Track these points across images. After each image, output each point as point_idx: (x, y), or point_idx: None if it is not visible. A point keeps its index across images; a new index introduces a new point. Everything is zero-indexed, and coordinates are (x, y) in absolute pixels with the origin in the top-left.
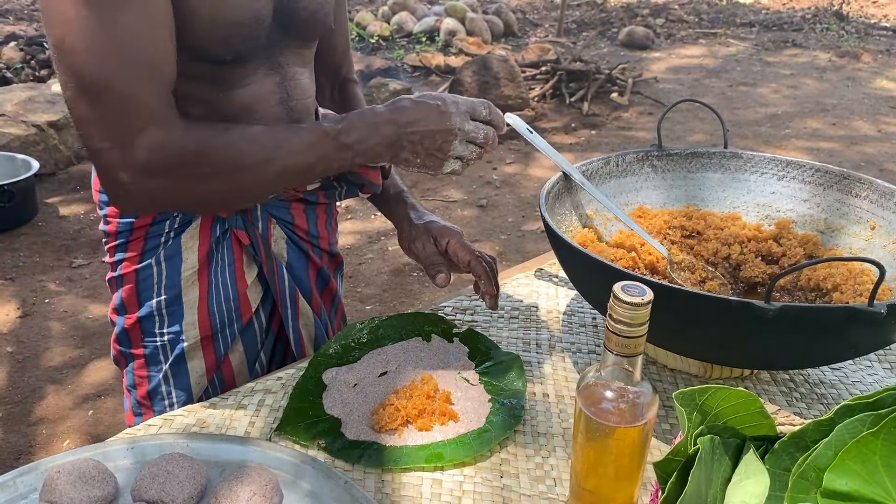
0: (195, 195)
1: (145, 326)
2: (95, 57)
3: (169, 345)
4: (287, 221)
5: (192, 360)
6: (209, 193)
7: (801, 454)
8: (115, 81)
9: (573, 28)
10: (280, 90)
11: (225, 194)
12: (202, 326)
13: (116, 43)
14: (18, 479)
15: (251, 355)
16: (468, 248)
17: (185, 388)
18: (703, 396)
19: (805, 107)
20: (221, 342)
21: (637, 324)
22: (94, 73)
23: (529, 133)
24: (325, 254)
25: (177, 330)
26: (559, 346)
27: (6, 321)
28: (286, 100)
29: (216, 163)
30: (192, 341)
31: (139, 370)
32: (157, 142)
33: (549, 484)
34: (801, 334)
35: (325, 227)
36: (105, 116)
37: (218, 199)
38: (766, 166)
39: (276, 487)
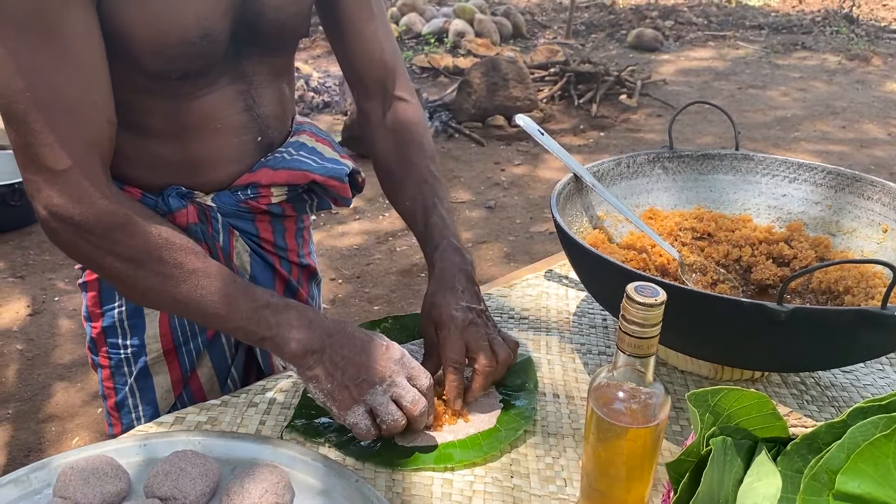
0: (90, 262)
1: (109, 337)
2: (14, 90)
3: (133, 357)
4: (251, 233)
5: (157, 374)
6: (106, 273)
7: (813, 456)
8: (31, 120)
9: (582, 30)
10: (245, 98)
11: (120, 284)
12: (164, 339)
13: (33, 82)
14: (32, 474)
15: (221, 371)
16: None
17: (151, 402)
18: (715, 397)
19: (815, 110)
20: (186, 357)
21: (650, 324)
22: (14, 107)
23: (540, 134)
24: (294, 266)
25: (138, 343)
26: (569, 347)
27: (16, 319)
28: (252, 107)
29: (126, 252)
30: (154, 354)
31: (107, 381)
32: (72, 194)
33: (560, 484)
34: (813, 336)
35: (293, 239)
36: (26, 149)
37: (114, 282)
38: (778, 168)
39: (288, 485)
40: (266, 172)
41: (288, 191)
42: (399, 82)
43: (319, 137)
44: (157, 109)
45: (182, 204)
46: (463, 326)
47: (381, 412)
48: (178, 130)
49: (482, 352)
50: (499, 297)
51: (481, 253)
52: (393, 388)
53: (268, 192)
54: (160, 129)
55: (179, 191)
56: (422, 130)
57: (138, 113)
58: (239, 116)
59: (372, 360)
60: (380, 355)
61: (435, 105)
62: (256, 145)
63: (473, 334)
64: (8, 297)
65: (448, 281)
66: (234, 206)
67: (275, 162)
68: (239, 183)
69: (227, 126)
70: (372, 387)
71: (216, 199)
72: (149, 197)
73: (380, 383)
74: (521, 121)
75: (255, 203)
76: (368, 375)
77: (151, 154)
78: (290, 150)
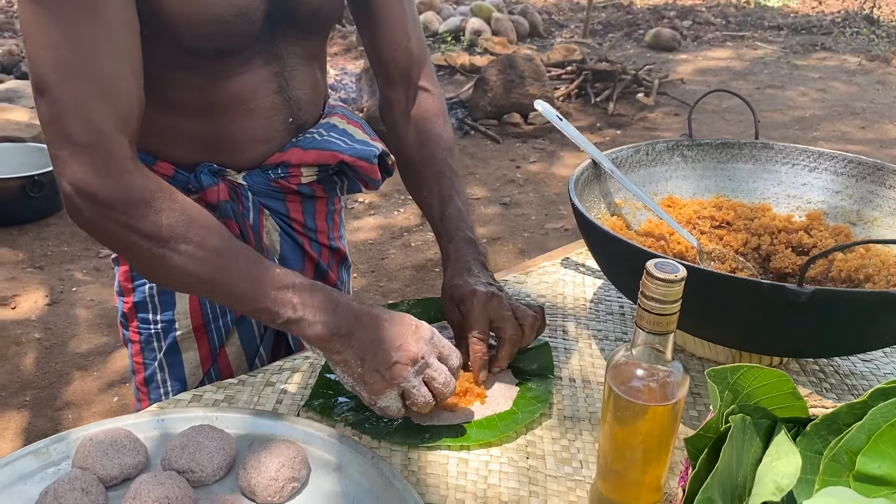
0: (114, 242)
1: (140, 312)
2: (45, 62)
3: (162, 333)
4: (281, 213)
5: (186, 350)
6: (130, 252)
7: (833, 437)
8: (60, 92)
9: (599, 29)
10: (278, 79)
11: (144, 264)
12: (194, 316)
13: (65, 55)
14: (51, 446)
15: (249, 349)
16: (483, 317)
17: (179, 378)
18: (735, 375)
19: (834, 110)
20: (215, 333)
21: (670, 301)
22: (45, 79)
23: (559, 120)
24: (324, 248)
25: (169, 318)
26: (586, 333)
27: (34, 308)
28: (285, 89)
29: (149, 229)
30: (183, 330)
31: (136, 356)
32: (98, 167)
33: (576, 466)
34: (834, 320)
35: (324, 221)
36: (54, 122)
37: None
38: (798, 157)
39: (305, 460)
40: (296, 152)
41: (318, 171)
42: (424, 72)
43: (351, 120)
44: (191, 87)
45: (213, 181)
46: (485, 299)
47: (414, 395)
48: (211, 109)
49: (507, 321)
50: (515, 283)
51: (496, 249)
52: (426, 370)
53: (298, 171)
54: (193, 107)
55: (211, 168)
56: (442, 122)
57: (173, 90)
58: (272, 98)
59: (403, 342)
60: (410, 336)
61: (451, 103)
62: (287, 126)
63: (496, 305)
64: (27, 287)
65: (464, 266)
66: (264, 185)
67: (305, 142)
68: (269, 162)
69: (259, 106)
70: (405, 370)
71: (247, 177)
72: (181, 173)
73: (412, 365)
74: (539, 106)
75: (286, 182)
76: (400, 358)
77: (185, 131)
78: (321, 130)
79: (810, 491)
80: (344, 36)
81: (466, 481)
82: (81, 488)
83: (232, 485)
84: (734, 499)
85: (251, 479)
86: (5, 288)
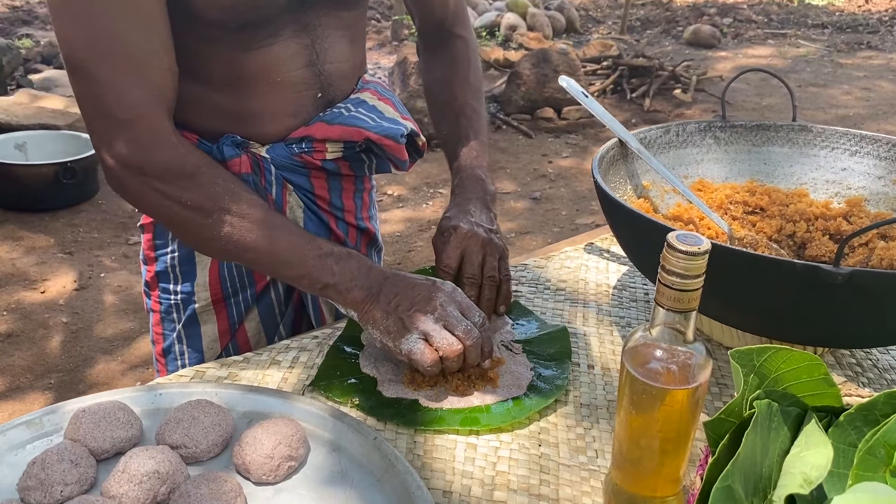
0: (158, 212)
1: (161, 282)
2: (76, 42)
3: (182, 304)
4: (305, 189)
5: (205, 323)
6: (173, 221)
7: (869, 428)
8: (94, 71)
9: (637, 26)
10: (308, 52)
11: (188, 233)
12: (213, 289)
13: (94, 33)
14: (45, 417)
15: (269, 327)
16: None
17: (197, 350)
18: (761, 357)
19: (879, 109)
20: (234, 308)
21: (692, 276)
22: (78, 59)
23: (584, 97)
24: (351, 228)
25: (188, 290)
26: (607, 319)
27: (63, 293)
28: (315, 63)
29: (194, 200)
30: (203, 303)
31: (156, 326)
32: (140, 142)
33: (591, 455)
34: (873, 305)
35: (352, 200)
36: (91, 99)
37: (180, 230)
38: (838, 141)
39: (303, 439)
40: (321, 127)
41: (344, 148)
42: (458, 20)
43: (382, 96)
44: (216, 58)
45: (236, 153)
46: (464, 237)
47: (436, 337)
48: (236, 81)
49: (469, 265)
50: (535, 268)
51: (524, 244)
52: (445, 318)
53: (322, 147)
54: (218, 78)
55: (235, 139)
56: (469, 67)
57: (197, 61)
58: (300, 71)
59: (423, 292)
60: (431, 288)
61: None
62: (316, 101)
63: (473, 246)
64: (56, 273)
65: (463, 204)
66: (287, 160)
67: (331, 117)
68: (294, 136)
69: (286, 80)
70: (423, 314)
71: (270, 150)
72: (204, 143)
73: (431, 312)
74: (564, 81)
75: (310, 158)
76: (419, 305)
77: (209, 101)
78: (349, 106)
79: (842, 486)
80: (378, 31)
81: (474, 467)
82: (70, 459)
83: (227, 462)
84: (757, 491)
85: (246, 456)
86: (35, 272)
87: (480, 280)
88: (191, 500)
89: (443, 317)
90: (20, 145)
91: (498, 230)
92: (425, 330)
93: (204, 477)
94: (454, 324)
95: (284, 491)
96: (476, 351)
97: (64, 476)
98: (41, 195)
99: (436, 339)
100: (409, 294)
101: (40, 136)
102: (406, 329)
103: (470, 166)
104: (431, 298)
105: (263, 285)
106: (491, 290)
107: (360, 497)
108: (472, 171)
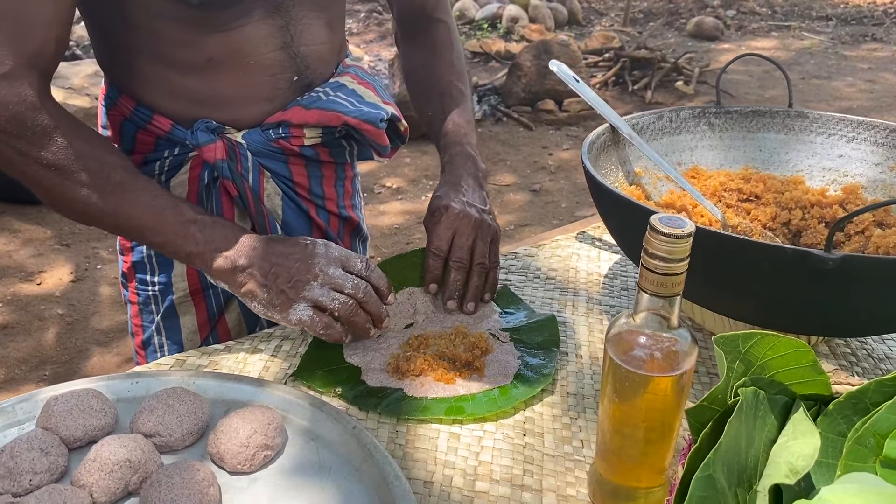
0: (18, 170)
1: (138, 273)
2: None
3: (160, 295)
4: (283, 176)
5: (184, 314)
6: (32, 180)
7: (859, 417)
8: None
9: (640, 18)
10: (283, 33)
11: (48, 193)
12: (191, 279)
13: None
14: (17, 405)
15: (250, 318)
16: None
17: (177, 342)
18: (747, 343)
19: (882, 101)
20: (214, 299)
21: (676, 259)
22: None
23: (575, 81)
24: (332, 216)
25: (166, 280)
26: (597, 308)
27: (59, 284)
28: (289, 45)
29: (51, 160)
30: (181, 294)
31: (135, 318)
32: (4, 100)
33: (576, 445)
34: (866, 292)
35: (332, 188)
36: None
37: (40, 191)
38: (835, 127)
39: (280, 427)
40: (298, 111)
41: (322, 133)
42: (439, 4)
43: (362, 80)
44: (184, 41)
45: (210, 138)
46: (455, 217)
47: (325, 301)
48: (207, 64)
49: (459, 248)
50: (525, 256)
51: (523, 236)
52: (330, 281)
53: (300, 132)
54: (188, 62)
55: (209, 124)
56: (452, 50)
57: (164, 43)
58: (274, 54)
59: (299, 261)
60: (305, 253)
61: (485, 89)
62: (292, 84)
63: (465, 227)
64: (52, 264)
65: (454, 181)
66: (264, 145)
67: (309, 101)
68: (270, 121)
69: (260, 63)
70: (305, 283)
71: (246, 136)
72: (178, 129)
73: (313, 279)
74: (554, 66)
75: (287, 143)
76: (300, 276)
77: (180, 86)
78: (327, 90)
79: (831, 476)
80: (380, 24)
81: (456, 457)
82: (40, 448)
83: (203, 452)
84: (742, 481)
85: (221, 445)
86: (31, 264)
87: (469, 265)
88: (162, 489)
89: (327, 280)
90: None
91: (490, 210)
92: (312, 298)
93: (177, 466)
94: (340, 284)
95: (259, 480)
96: (373, 300)
97: (33, 465)
98: None
99: (327, 303)
100: (285, 265)
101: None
102: (291, 300)
103: (459, 142)
104: (310, 266)
105: None
106: (479, 276)
107: (337, 487)
108: (461, 148)
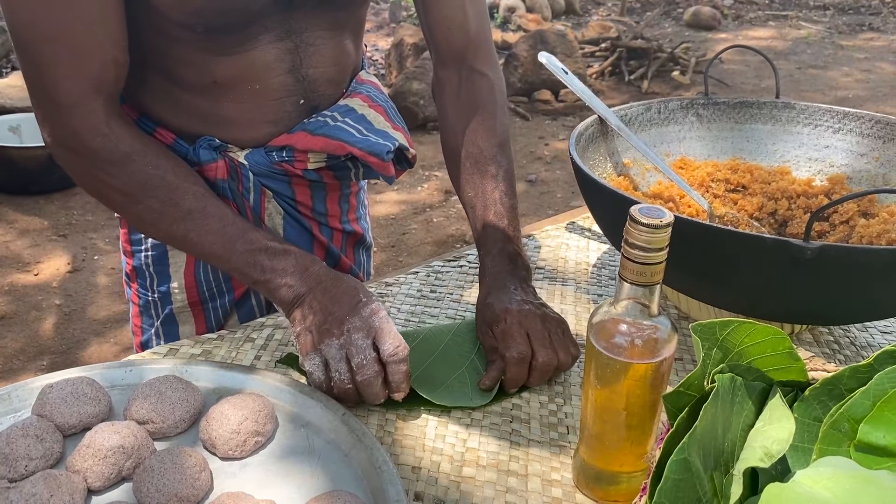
0: (94, 192)
1: (139, 277)
2: (20, 25)
3: (160, 302)
4: (286, 196)
5: (184, 323)
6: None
7: (834, 403)
8: (35, 54)
9: (637, 7)
10: (292, 57)
11: (124, 213)
12: (189, 291)
13: (37, 17)
14: (13, 392)
15: None
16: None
17: None
18: (724, 331)
19: (879, 91)
20: (212, 313)
21: (654, 248)
22: (21, 40)
23: (564, 73)
24: (336, 232)
25: (165, 290)
26: (585, 297)
27: (56, 275)
28: (298, 68)
29: (124, 187)
30: (180, 304)
31: (135, 318)
32: (74, 126)
33: (562, 431)
34: (845, 280)
35: (336, 205)
36: (34, 79)
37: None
38: (821, 118)
39: (271, 414)
40: (303, 136)
41: (327, 158)
42: (481, 54)
43: (374, 103)
44: (190, 61)
45: (212, 157)
46: (520, 317)
47: (332, 367)
48: (211, 85)
49: (542, 347)
50: None
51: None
52: (348, 346)
53: (304, 157)
54: (192, 82)
55: (212, 142)
56: (495, 111)
57: (170, 62)
58: (280, 78)
59: (339, 311)
60: (349, 308)
61: None
62: (298, 108)
63: (533, 325)
64: (50, 255)
65: (498, 283)
66: (266, 167)
67: (315, 126)
68: (274, 143)
69: (265, 87)
70: (329, 337)
71: (248, 156)
72: (181, 143)
73: (337, 336)
74: (543, 58)
75: (290, 167)
76: (330, 325)
77: (185, 103)
78: (335, 114)
79: (807, 461)
80: (377, 13)
81: (444, 444)
82: (35, 435)
83: (195, 438)
84: (718, 465)
85: (212, 431)
86: (29, 255)
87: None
88: (154, 474)
89: (346, 344)
90: (14, 128)
91: (545, 303)
92: (326, 355)
93: (169, 452)
94: (352, 354)
95: (250, 466)
96: (368, 389)
97: (28, 451)
98: (35, 178)
99: (332, 370)
100: (327, 309)
101: (34, 118)
102: (312, 347)
103: (500, 239)
104: (343, 321)
105: (242, 292)
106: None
107: (326, 471)
108: (502, 247)
